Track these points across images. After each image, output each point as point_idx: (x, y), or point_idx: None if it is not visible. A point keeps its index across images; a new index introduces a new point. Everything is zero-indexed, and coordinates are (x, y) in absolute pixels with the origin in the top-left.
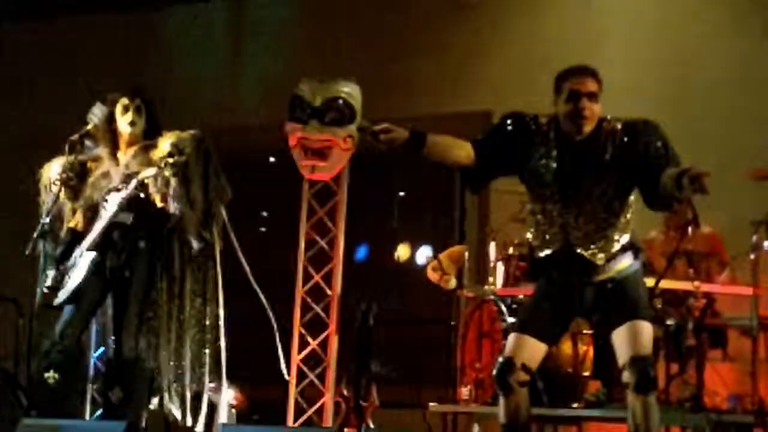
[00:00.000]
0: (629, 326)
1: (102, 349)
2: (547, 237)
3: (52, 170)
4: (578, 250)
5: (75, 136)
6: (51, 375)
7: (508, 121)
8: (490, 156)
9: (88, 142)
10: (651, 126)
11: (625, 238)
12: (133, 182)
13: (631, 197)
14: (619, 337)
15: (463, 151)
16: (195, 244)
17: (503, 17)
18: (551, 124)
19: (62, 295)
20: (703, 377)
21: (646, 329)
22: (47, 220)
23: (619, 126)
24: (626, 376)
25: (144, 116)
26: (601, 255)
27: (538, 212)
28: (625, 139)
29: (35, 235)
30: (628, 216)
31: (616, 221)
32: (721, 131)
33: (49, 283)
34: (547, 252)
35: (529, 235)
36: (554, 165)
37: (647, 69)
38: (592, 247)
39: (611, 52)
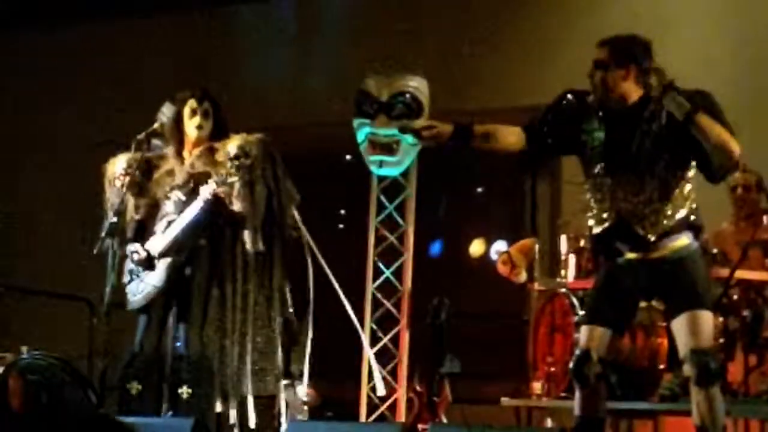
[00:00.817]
0: (688, 317)
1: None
2: (601, 213)
3: (117, 166)
4: (629, 224)
5: (142, 135)
6: (134, 386)
7: (562, 99)
8: (545, 135)
9: (155, 141)
10: (702, 94)
11: (681, 213)
12: (205, 195)
13: (690, 173)
14: (678, 328)
15: (512, 136)
16: (249, 246)
17: (570, 11)
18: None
19: (138, 301)
20: None
21: (706, 319)
22: (115, 219)
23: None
24: (687, 369)
25: (211, 119)
26: (652, 230)
27: (592, 189)
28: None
29: (103, 234)
30: (686, 191)
31: (670, 195)
32: None
33: (123, 280)
34: (602, 228)
35: (588, 215)
36: (602, 137)
37: (721, 51)
38: (644, 221)
39: (683, 36)
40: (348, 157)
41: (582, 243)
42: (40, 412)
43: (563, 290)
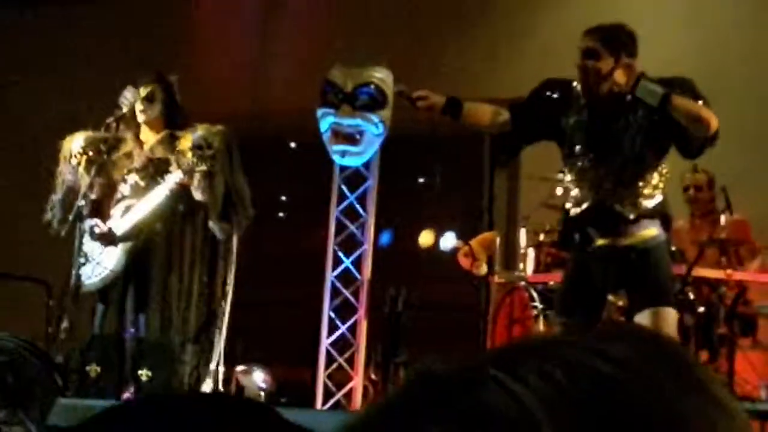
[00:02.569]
0: (653, 313)
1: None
2: (579, 195)
3: (75, 143)
4: (609, 204)
5: (111, 119)
6: (93, 368)
7: (547, 85)
8: (527, 119)
9: (122, 125)
10: (684, 80)
11: (657, 198)
12: (171, 182)
13: (663, 167)
14: (642, 323)
15: (500, 116)
16: (219, 234)
17: (536, 7)
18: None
19: (94, 283)
20: (734, 365)
21: (670, 317)
22: (83, 202)
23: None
24: None
25: (158, 103)
26: (632, 209)
27: (571, 174)
28: None
29: (70, 217)
30: (661, 178)
31: (648, 176)
32: (755, 122)
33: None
34: (580, 209)
35: (567, 205)
36: (585, 123)
37: (678, 59)
38: (623, 200)
39: (643, 38)
40: (292, 144)
41: (541, 237)
42: (5, 393)
43: (522, 283)
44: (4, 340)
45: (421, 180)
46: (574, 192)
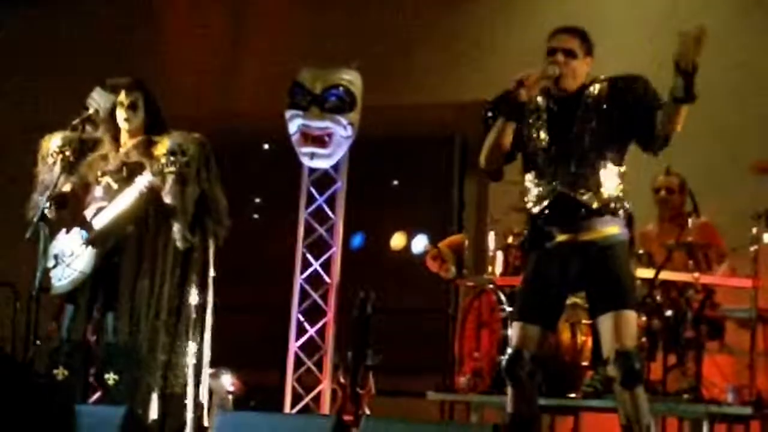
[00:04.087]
0: (614, 317)
1: None
2: (540, 191)
3: (52, 142)
4: (571, 194)
5: (77, 120)
6: (60, 372)
7: (492, 104)
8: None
9: (88, 127)
10: (639, 79)
11: (618, 189)
12: (141, 185)
13: (623, 165)
14: (604, 327)
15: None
16: (179, 243)
17: (503, 7)
18: (549, 79)
19: (63, 286)
20: (702, 369)
21: (631, 319)
22: (47, 204)
23: (606, 81)
24: (611, 370)
25: (141, 111)
26: (592, 196)
27: (532, 174)
28: (613, 91)
29: (35, 219)
30: (622, 169)
31: (609, 166)
32: (724, 125)
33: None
34: (542, 205)
35: (526, 200)
36: (545, 123)
37: (650, 60)
38: (584, 190)
39: (613, 44)
40: (266, 146)
41: (510, 240)
42: None
43: (491, 286)
44: None
45: (394, 183)
46: (535, 191)
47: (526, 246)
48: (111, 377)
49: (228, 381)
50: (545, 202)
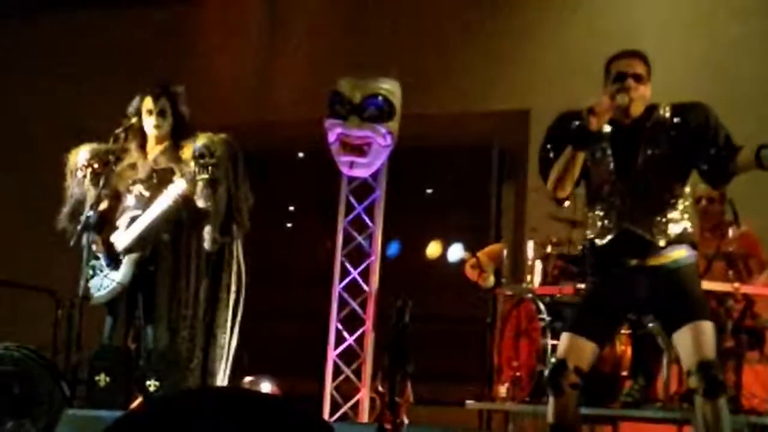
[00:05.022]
0: (692, 328)
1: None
2: (606, 224)
3: (80, 156)
4: (637, 231)
5: (120, 129)
6: (102, 378)
7: (563, 120)
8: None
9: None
10: (701, 106)
11: (684, 224)
12: (174, 193)
13: (687, 188)
14: (682, 340)
15: None
16: (208, 245)
17: (543, 15)
18: (619, 108)
19: (102, 296)
20: (742, 379)
21: (709, 330)
22: (91, 213)
23: (669, 108)
24: (693, 382)
25: (169, 117)
26: (660, 235)
27: (597, 203)
28: (676, 119)
29: (79, 228)
30: (687, 204)
31: (674, 202)
32: (758, 131)
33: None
34: (607, 239)
35: (588, 232)
36: (609, 152)
37: (682, 68)
38: (651, 228)
39: (650, 51)
40: (300, 154)
41: (548, 249)
42: (12, 403)
43: (529, 296)
44: (10, 350)
45: (432, 191)
46: (599, 223)
47: (588, 271)
48: (152, 383)
49: (267, 389)
50: (609, 236)
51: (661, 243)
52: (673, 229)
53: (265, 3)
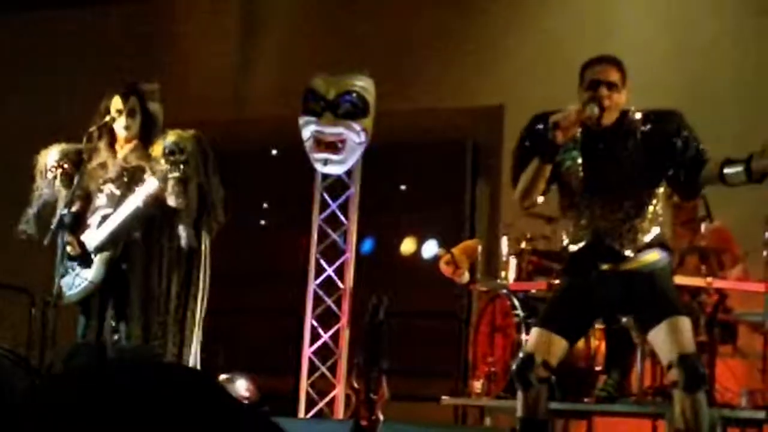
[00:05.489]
0: (670, 323)
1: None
2: (578, 231)
3: (49, 157)
4: (607, 242)
5: (93, 128)
6: None
7: (536, 122)
8: (530, 160)
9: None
10: (673, 115)
11: (655, 231)
12: (145, 192)
13: (660, 189)
14: (660, 335)
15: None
16: (184, 241)
17: (517, 11)
18: (589, 119)
19: (75, 294)
20: (715, 373)
21: (687, 325)
22: (65, 211)
23: (640, 116)
24: (674, 374)
25: (138, 116)
26: (630, 246)
27: (568, 208)
28: (648, 128)
29: (53, 226)
30: (658, 209)
31: (644, 212)
32: (735, 126)
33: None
34: (579, 246)
35: (563, 235)
36: (579, 158)
37: (662, 64)
38: (621, 237)
39: (625, 47)
40: (274, 152)
41: (523, 245)
42: None
43: (504, 291)
44: None
45: (403, 188)
46: (572, 230)
47: (563, 274)
48: None
49: (242, 386)
50: (582, 243)
51: (630, 254)
52: (644, 238)
53: (242, 1)
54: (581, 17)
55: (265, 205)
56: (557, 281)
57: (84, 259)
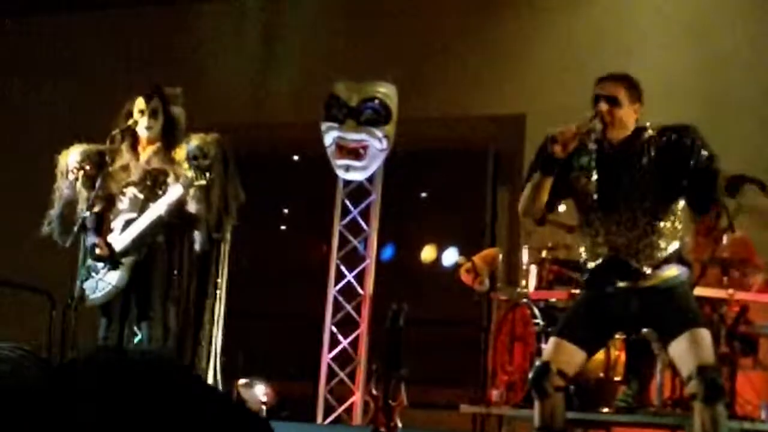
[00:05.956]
0: (689, 335)
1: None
2: (594, 248)
3: (71, 158)
4: (624, 259)
5: (116, 131)
6: None
7: (539, 151)
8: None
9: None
10: (689, 130)
11: (673, 246)
12: (170, 197)
13: (678, 204)
14: (680, 348)
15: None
16: (198, 246)
17: (539, 20)
18: (590, 134)
19: (98, 298)
20: (735, 385)
21: (707, 336)
22: (87, 213)
23: (655, 132)
24: (693, 386)
25: (161, 117)
26: (647, 263)
27: (584, 223)
28: (663, 143)
29: (75, 228)
30: (676, 224)
31: (661, 228)
32: (756, 137)
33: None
34: (596, 263)
35: (581, 249)
36: (594, 173)
37: (683, 74)
38: (637, 254)
39: (647, 57)
40: (295, 157)
41: (543, 254)
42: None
43: (524, 300)
44: (5, 350)
45: (424, 195)
46: (589, 247)
47: (583, 288)
48: None
49: (261, 391)
50: (600, 260)
51: (647, 270)
52: (661, 254)
53: (263, 6)
54: (604, 28)
55: (286, 211)
56: (577, 291)
57: (111, 260)
